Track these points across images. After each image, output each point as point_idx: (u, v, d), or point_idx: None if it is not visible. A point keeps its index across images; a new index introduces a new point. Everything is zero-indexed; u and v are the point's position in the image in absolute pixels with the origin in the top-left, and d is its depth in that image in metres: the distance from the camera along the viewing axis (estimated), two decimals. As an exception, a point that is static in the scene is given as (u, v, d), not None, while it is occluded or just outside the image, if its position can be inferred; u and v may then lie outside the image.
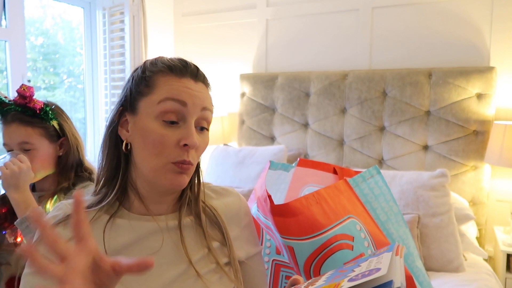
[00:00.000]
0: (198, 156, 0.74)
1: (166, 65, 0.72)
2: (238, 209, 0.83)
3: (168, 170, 0.70)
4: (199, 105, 0.71)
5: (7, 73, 2.28)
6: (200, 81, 0.74)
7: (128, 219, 0.74)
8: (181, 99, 0.70)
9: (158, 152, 0.69)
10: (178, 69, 0.72)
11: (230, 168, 2.38)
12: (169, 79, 0.71)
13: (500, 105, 2.11)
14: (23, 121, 1.15)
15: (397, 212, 0.92)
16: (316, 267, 0.79)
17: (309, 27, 2.61)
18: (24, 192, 1.07)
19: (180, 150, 0.69)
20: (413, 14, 2.31)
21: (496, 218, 2.15)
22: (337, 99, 2.41)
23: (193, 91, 0.71)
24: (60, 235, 0.70)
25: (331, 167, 1.07)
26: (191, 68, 0.73)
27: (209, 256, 0.75)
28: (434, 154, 2.17)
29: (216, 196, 0.83)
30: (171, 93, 0.70)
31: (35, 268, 0.46)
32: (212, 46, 3.00)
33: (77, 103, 2.79)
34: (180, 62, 0.74)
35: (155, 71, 0.72)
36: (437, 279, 1.63)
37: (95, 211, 0.74)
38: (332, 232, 0.79)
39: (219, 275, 0.74)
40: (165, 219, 0.76)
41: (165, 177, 0.70)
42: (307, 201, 0.81)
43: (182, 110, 0.70)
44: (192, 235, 0.76)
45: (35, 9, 2.56)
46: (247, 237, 0.83)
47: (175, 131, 0.70)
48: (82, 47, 2.77)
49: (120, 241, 0.72)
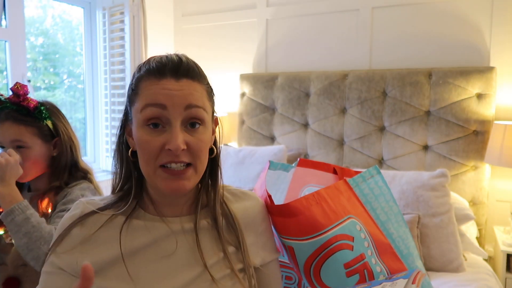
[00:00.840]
0: (195, 156, 0.70)
1: (146, 68, 0.70)
2: (256, 214, 0.81)
3: (159, 175, 0.69)
4: (180, 104, 0.68)
5: (7, 73, 2.28)
6: (183, 77, 0.69)
7: (144, 220, 0.74)
8: (159, 103, 0.67)
9: (147, 159, 0.69)
10: (156, 71, 0.69)
11: (230, 168, 2.38)
12: (149, 84, 0.69)
13: (500, 105, 2.11)
14: (17, 119, 1.14)
15: (397, 212, 0.92)
16: (316, 267, 0.79)
17: (309, 27, 2.61)
18: (10, 186, 1.06)
19: (167, 154, 0.68)
20: (413, 14, 2.31)
21: (496, 218, 2.15)
22: (337, 99, 2.41)
23: (173, 91, 0.68)
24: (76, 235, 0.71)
25: (331, 167, 1.06)
26: (169, 65, 0.69)
27: (224, 261, 0.73)
28: (434, 154, 2.17)
29: (234, 200, 0.81)
30: (150, 98, 0.68)
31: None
32: (212, 46, 3.00)
33: (77, 103, 2.79)
34: (160, 61, 0.70)
35: (138, 77, 0.71)
36: (437, 279, 1.63)
37: (111, 211, 0.75)
38: (332, 233, 0.79)
39: (233, 281, 0.73)
40: (180, 222, 0.75)
41: (160, 183, 0.69)
42: (307, 202, 0.80)
43: (163, 114, 0.67)
44: (208, 238, 0.75)
45: (35, 9, 2.56)
46: (263, 243, 0.81)
47: (159, 136, 0.68)
48: (82, 47, 2.77)
49: (136, 242, 0.72)
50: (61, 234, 0.72)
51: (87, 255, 0.71)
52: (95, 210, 0.74)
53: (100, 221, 0.73)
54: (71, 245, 0.72)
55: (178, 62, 0.70)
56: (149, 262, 0.71)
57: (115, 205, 0.76)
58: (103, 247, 0.71)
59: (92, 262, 0.69)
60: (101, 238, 0.72)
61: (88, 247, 0.71)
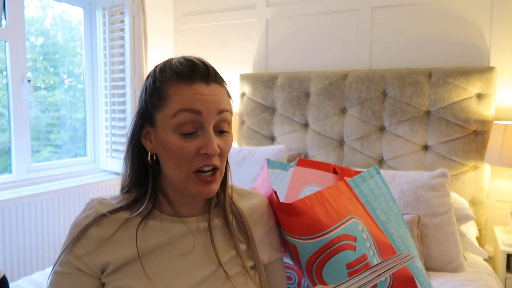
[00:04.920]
0: (223, 160, 0.73)
1: (175, 72, 0.69)
2: (263, 213, 0.83)
3: (193, 181, 0.70)
4: (214, 109, 0.69)
5: (7, 73, 2.28)
6: (212, 82, 0.71)
7: (160, 220, 0.75)
8: (194, 108, 0.67)
9: (180, 164, 0.69)
10: (187, 74, 0.69)
11: (230, 168, 2.37)
12: (179, 88, 0.68)
13: (500, 105, 2.11)
14: None
15: (397, 212, 0.92)
16: (318, 267, 0.79)
17: (309, 27, 2.61)
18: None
19: (201, 158, 0.69)
20: (413, 14, 2.31)
21: (496, 218, 2.15)
22: (337, 99, 2.41)
23: (206, 96, 0.68)
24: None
25: (331, 167, 1.06)
26: (200, 70, 0.70)
27: (236, 258, 0.75)
28: (434, 154, 2.17)
29: (241, 199, 0.83)
30: (183, 103, 0.68)
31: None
32: (212, 46, 3.00)
33: (77, 103, 2.79)
34: (188, 65, 0.70)
35: (164, 81, 0.70)
36: (437, 279, 1.63)
37: (126, 212, 0.75)
38: (335, 233, 0.79)
39: (245, 278, 0.74)
40: (196, 221, 0.76)
41: (192, 188, 0.70)
42: (310, 202, 0.81)
43: (198, 119, 0.68)
44: (221, 237, 0.76)
45: (35, 9, 2.56)
46: (270, 242, 0.83)
47: (194, 141, 0.68)
48: (82, 47, 2.77)
49: (152, 242, 0.73)
50: (77, 235, 0.72)
51: (105, 256, 0.71)
52: (111, 212, 0.74)
53: (117, 223, 0.73)
54: (89, 247, 0.72)
55: (205, 67, 0.71)
56: (166, 261, 0.72)
57: (131, 206, 0.76)
58: (120, 247, 0.72)
59: (110, 262, 0.71)
60: (118, 239, 0.73)
61: (106, 248, 0.72)
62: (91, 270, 0.71)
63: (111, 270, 0.71)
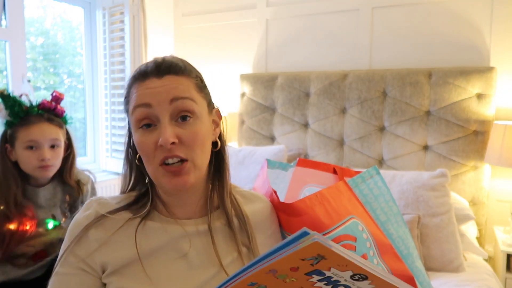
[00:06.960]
0: (189, 150, 0.69)
1: (133, 75, 0.74)
2: (266, 217, 0.82)
3: (162, 174, 0.70)
4: (164, 100, 0.68)
5: (7, 73, 2.28)
6: (165, 74, 0.70)
7: (159, 222, 0.75)
8: (144, 102, 0.69)
9: (148, 159, 0.71)
10: (141, 75, 0.72)
11: (230, 168, 2.37)
12: (135, 88, 0.72)
13: (500, 105, 2.11)
14: (53, 121, 1.37)
15: (396, 212, 0.92)
16: (317, 267, 0.79)
17: (309, 27, 2.61)
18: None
19: (161, 150, 0.69)
20: (413, 14, 2.31)
21: (496, 218, 2.15)
22: (337, 99, 2.41)
23: (156, 88, 0.69)
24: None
25: (331, 167, 1.06)
26: (151, 67, 0.71)
27: (238, 261, 0.74)
28: (434, 154, 2.17)
29: (244, 201, 0.82)
30: (136, 100, 0.70)
31: None
32: (212, 46, 3.00)
33: (77, 103, 2.79)
34: (146, 64, 0.73)
35: (128, 85, 0.74)
36: (437, 279, 1.63)
37: (127, 213, 0.75)
38: (336, 233, 0.79)
39: None
40: (195, 223, 0.76)
41: (163, 180, 0.70)
42: (311, 202, 0.81)
43: (151, 112, 0.69)
44: (222, 239, 0.76)
45: (35, 9, 2.56)
46: (272, 245, 0.81)
47: (152, 134, 0.69)
48: (82, 47, 2.77)
49: (151, 243, 0.72)
50: (78, 234, 0.72)
51: (104, 256, 0.71)
52: (111, 212, 0.74)
53: (117, 223, 0.73)
54: (90, 248, 0.72)
55: (160, 62, 0.72)
56: (166, 263, 0.72)
57: (130, 207, 0.76)
58: (120, 248, 0.72)
59: (109, 262, 0.71)
60: (118, 240, 0.72)
61: (106, 249, 0.72)
62: (93, 270, 0.71)
63: (110, 271, 0.71)
